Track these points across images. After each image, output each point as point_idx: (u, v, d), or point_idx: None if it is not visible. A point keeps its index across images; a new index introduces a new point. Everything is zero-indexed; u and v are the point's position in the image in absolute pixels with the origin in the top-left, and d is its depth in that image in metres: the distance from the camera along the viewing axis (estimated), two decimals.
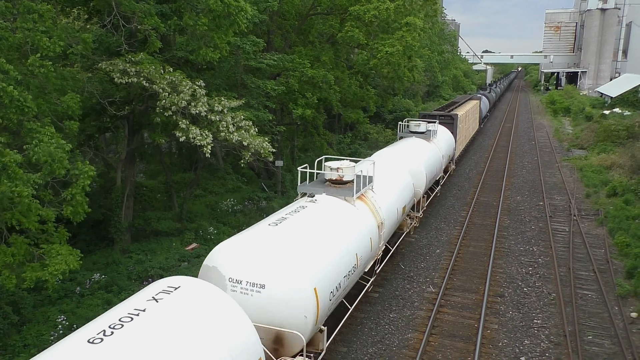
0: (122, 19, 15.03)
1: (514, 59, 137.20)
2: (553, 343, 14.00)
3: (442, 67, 76.97)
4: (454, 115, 31.59)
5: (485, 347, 13.76)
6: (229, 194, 27.33)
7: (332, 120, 38.94)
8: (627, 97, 63.12)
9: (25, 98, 11.26)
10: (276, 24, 27.19)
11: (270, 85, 21.93)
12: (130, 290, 15.68)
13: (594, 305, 16.10)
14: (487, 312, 15.58)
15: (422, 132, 25.66)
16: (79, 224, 13.58)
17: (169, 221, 21.60)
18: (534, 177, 33.53)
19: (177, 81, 15.71)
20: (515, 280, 17.94)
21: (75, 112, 13.89)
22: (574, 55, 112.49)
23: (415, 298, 16.50)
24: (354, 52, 32.77)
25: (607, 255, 19.94)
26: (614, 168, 33.13)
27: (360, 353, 13.44)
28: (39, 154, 10.88)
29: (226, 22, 16.13)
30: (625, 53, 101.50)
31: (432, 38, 61.58)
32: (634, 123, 42.36)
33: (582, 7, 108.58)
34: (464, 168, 36.17)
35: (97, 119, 18.58)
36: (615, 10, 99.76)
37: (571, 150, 43.33)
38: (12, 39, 12.41)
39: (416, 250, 20.49)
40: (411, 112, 51.44)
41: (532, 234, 22.52)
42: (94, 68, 16.85)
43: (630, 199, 25.76)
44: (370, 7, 24.02)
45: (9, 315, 13.67)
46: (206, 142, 15.40)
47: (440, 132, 27.86)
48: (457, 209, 26.19)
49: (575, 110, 64.45)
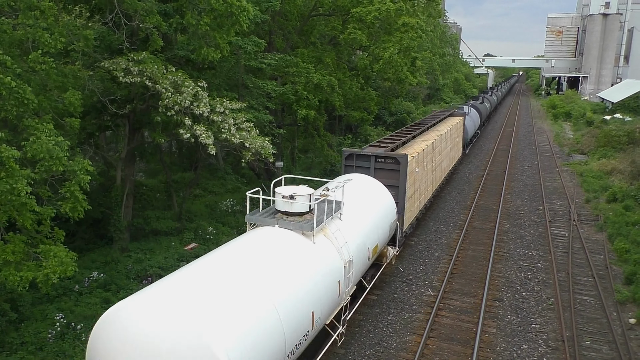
0: (124, 17, 15.02)
1: (516, 63, 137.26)
2: (551, 348, 13.97)
3: (444, 70, 77.03)
4: (401, 157, 18.00)
5: (483, 351, 13.73)
6: (228, 194, 27.30)
7: (333, 121, 38.94)
8: (628, 102, 63.11)
9: (25, 90, 11.20)
10: (278, 25, 27.19)
11: (271, 85, 21.92)
12: (129, 289, 15.65)
13: (592, 310, 16.07)
14: (486, 316, 15.55)
15: (296, 213, 11.56)
16: (78, 222, 13.55)
17: (168, 220, 21.58)
18: (534, 181, 33.50)
19: (179, 81, 15.70)
20: (514, 284, 17.91)
21: (77, 109, 13.88)
22: (576, 60, 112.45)
23: (414, 301, 16.47)
24: (356, 53, 32.79)
25: (606, 261, 19.91)
26: (614, 174, 33.11)
27: (357, 355, 13.40)
28: (36, 150, 10.84)
29: (228, 22, 16.12)
30: (627, 58, 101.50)
31: (433, 41, 61.66)
32: (634, 129, 42.34)
33: (584, 11, 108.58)
34: (464, 171, 36.15)
35: (97, 117, 18.56)
36: (617, 16, 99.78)
37: (571, 155, 43.32)
38: (13, 34, 12.40)
39: (415, 253, 20.46)
40: (412, 114, 51.43)
41: (531, 239, 22.49)
42: (95, 66, 16.84)
43: (630, 205, 25.73)
44: (372, 9, 24.05)
45: (7, 312, 13.64)
46: (210, 141, 15.39)
47: (358, 202, 14.64)
48: (457, 212, 26.16)
49: (576, 115, 64.44)
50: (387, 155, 18.06)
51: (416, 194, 20.68)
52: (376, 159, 18.05)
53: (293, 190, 11.47)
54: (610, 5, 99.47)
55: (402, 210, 18.08)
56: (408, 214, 19.19)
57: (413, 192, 19.98)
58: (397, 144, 20.58)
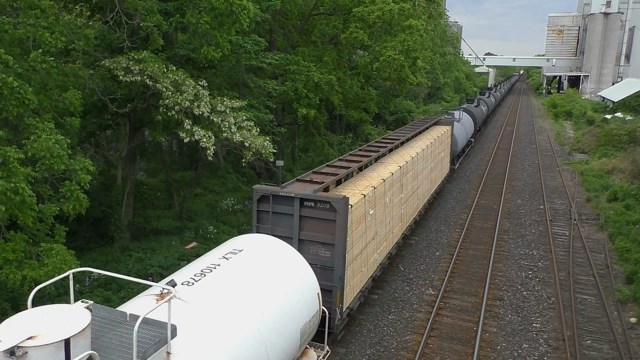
0: (125, 16, 15.01)
1: (516, 62, 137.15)
2: (552, 347, 13.97)
3: (444, 69, 76.97)
4: (338, 201, 12.11)
5: (484, 350, 13.72)
6: (229, 193, 27.30)
7: (333, 120, 38.88)
8: (629, 101, 63.07)
9: (26, 90, 11.23)
10: (278, 24, 27.17)
11: (272, 84, 21.91)
12: (129, 288, 15.66)
13: (593, 310, 16.06)
14: (486, 315, 15.55)
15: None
16: (79, 221, 13.58)
17: (168, 220, 21.58)
18: (534, 180, 33.48)
19: (180, 80, 15.70)
20: (515, 283, 17.91)
21: (77, 108, 13.88)
22: (576, 59, 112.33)
23: (415, 300, 16.47)
24: (356, 52, 32.75)
25: (607, 260, 19.90)
26: (615, 173, 33.09)
27: (358, 354, 13.40)
28: (36, 149, 10.85)
29: (229, 21, 16.10)
30: (628, 57, 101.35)
31: (434, 40, 61.61)
32: (635, 128, 42.32)
33: (585, 11, 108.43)
34: (465, 170, 36.13)
35: (98, 116, 18.57)
36: (618, 15, 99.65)
37: (572, 154, 43.29)
38: (14, 33, 12.40)
39: (416, 252, 20.46)
40: (412, 113, 51.37)
41: (532, 238, 22.49)
42: (96, 65, 16.84)
43: (630, 204, 25.72)
44: (375, 9, 24.02)
45: (7, 311, 13.63)
46: (210, 144, 15.37)
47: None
48: (458, 211, 26.16)
49: (576, 114, 64.40)
50: (317, 198, 12.16)
51: (370, 246, 14.62)
52: (302, 202, 12.34)
53: (22, 331, 5.39)
54: (611, 4, 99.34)
55: (340, 279, 12.34)
56: (353, 283, 13.39)
57: (364, 247, 14.02)
58: (340, 176, 14.50)
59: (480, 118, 48.99)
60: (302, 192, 12.54)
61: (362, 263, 14.10)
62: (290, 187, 13.12)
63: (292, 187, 13.24)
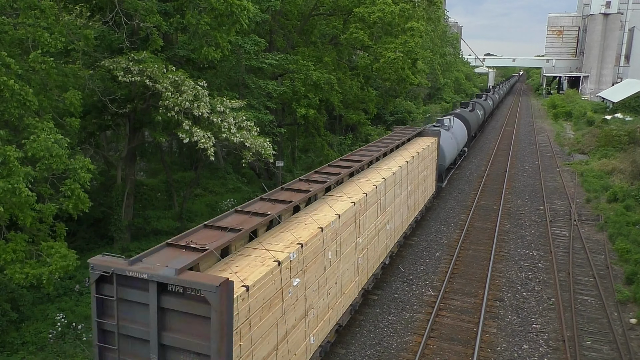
0: (125, 16, 15.01)
1: (516, 62, 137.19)
2: (552, 348, 13.96)
3: (444, 69, 76.93)
4: (211, 292, 7.13)
5: (484, 351, 13.71)
6: (229, 194, 27.30)
7: (333, 121, 38.87)
8: (629, 102, 63.07)
9: (27, 92, 11.25)
10: (278, 24, 27.18)
11: (272, 85, 21.91)
12: None
13: (593, 310, 16.05)
14: (486, 316, 15.54)
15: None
16: (79, 221, 13.58)
17: (168, 220, 21.57)
18: (534, 181, 33.48)
19: (179, 80, 15.69)
20: (515, 284, 17.90)
21: (77, 108, 13.88)
22: (576, 60, 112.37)
23: (415, 301, 16.46)
24: (356, 53, 32.74)
25: (607, 260, 19.89)
26: (615, 173, 33.08)
27: (358, 355, 13.40)
28: (36, 148, 10.86)
29: (229, 21, 16.12)
30: (628, 58, 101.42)
31: (434, 40, 61.58)
32: (635, 128, 42.30)
33: (585, 11, 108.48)
34: (465, 171, 36.13)
35: (98, 116, 18.56)
36: (618, 15, 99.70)
37: (572, 154, 43.29)
38: (14, 34, 12.40)
39: (416, 253, 20.45)
40: (412, 114, 51.37)
41: (532, 239, 22.48)
42: (96, 65, 16.84)
43: (630, 205, 25.71)
44: (375, 9, 24.03)
45: (7, 312, 13.64)
46: (209, 144, 15.36)
47: None
48: (458, 212, 26.15)
49: (576, 115, 64.41)
50: (184, 284, 7.50)
51: (297, 331, 10.12)
52: (161, 289, 7.72)
53: None
54: (611, 5, 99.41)
55: None
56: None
57: (282, 338, 9.45)
58: (238, 235, 9.75)
59: (475, 124, 43.56)
60: (160, 271, 7.64)
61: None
62: (150, 259, 8.34)
63: (153, 258, 8.40)
